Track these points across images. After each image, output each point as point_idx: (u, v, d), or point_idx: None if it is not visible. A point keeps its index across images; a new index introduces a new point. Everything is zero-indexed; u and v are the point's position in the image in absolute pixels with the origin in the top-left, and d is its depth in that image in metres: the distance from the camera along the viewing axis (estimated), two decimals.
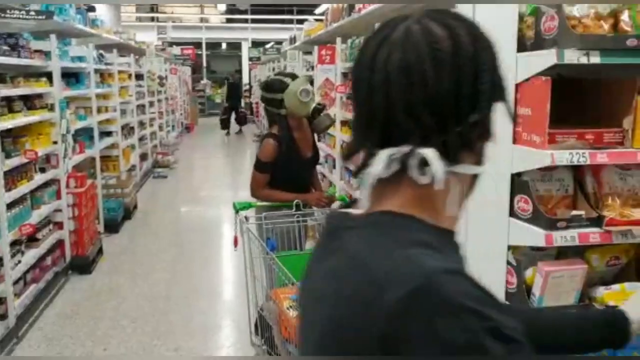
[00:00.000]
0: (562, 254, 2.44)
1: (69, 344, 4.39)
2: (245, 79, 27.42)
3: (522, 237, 2.28)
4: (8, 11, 4.54)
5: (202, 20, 27.66)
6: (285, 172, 3.81)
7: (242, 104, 21.82)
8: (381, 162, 0.97)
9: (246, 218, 3.51)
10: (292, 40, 12.67)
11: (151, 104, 12.35)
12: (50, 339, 4.48)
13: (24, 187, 4.77)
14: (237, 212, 3.52)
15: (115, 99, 8.32)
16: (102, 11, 10.98)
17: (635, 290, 2.26)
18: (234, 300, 5.34)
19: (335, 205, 3.93)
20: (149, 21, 25.75)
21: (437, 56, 0.95)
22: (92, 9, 8.16)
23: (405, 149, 0.96)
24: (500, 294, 2.40)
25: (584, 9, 2.08)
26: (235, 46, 30.54)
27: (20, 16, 4.62)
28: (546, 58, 2.06)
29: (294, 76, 3.85)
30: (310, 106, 3.75)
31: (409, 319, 0.86)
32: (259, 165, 3.83)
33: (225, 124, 19.84)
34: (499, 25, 2.34)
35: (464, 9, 2.60)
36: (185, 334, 4.56)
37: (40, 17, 4.74)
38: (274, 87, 3.80)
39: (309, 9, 21.30)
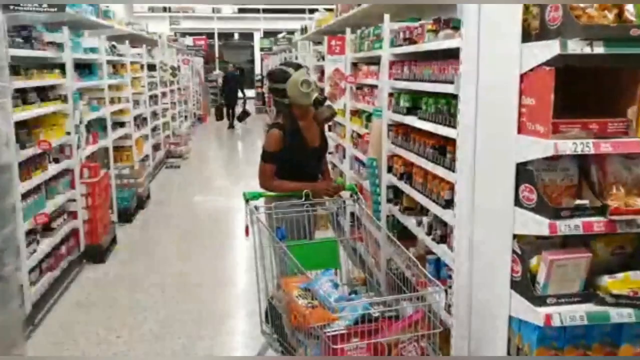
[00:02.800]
0: (568, 242, 2.47)
1: (83, 331, 4.46)
2: (257, 69, 27.49)
3: (527, 226, 2.30)
4: (21, 4, 4.60)
5: (214, 10, 27.65)
6: (292, 161, 3.87)
7: (242, 101, 18.99)
8: None
9: (256, 208, 3.54)
10: (304, 30, 12.66)
11: (164, 94, 12.40)
12: (65, 326, 4.56)
13: (38, 178, 4.84)
14: (247, 201, 3.55)
15: (127, 89, 8.37)
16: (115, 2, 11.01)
17: None
18: (246, 289, 5.39)
19: (344, 194, 3.96)
20: (161, 12, 25.78)
21: None
22: None
23: None
24: (505, 282, 2.43)
25: None
26: (247, 36, 30.53)
27: (33, 9, 4.68)
28: (550, 48, 2.08)
29: (298, 66, 3.89)
30: (312, 97, 3.80)
31: None
32: (265, 156, 3.90)
33: (220, 114, 19.32)
34: (504, 15, 2.36)
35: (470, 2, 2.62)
36: (197, 322, 4.62)
37: (52, 9, 4.79)
38: (276, 77, 3.88)
39: None
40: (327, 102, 3.90)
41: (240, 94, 18.79)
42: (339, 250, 3.64)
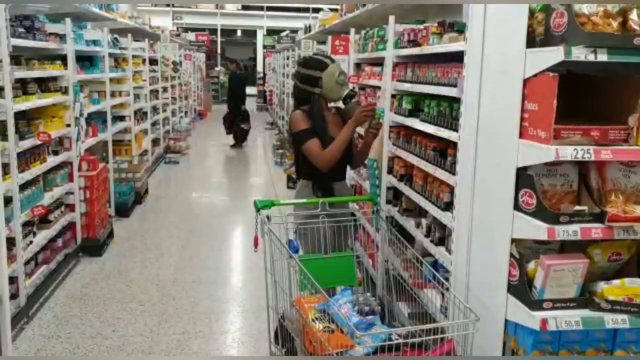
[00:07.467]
0: (566, 248, 2.47)
1: (78, 325, 4.46)
2: (259, 67, 27.49)
3: (526, 231, 2.31)
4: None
5: (217, 6, 27.64)
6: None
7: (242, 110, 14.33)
8: None
9: (268, 218, 3.12)
10: (307, 29, 12.66)
11: (164, 89, 12.40)
12: (60, 319, 4.56)
13: (36, 169, 4.83)
14: (258, 211, 3.15)
15: (128, 83, 8.37)
16: None
17: (636, 286, 2.29)
18: (241, 286, 5.40)
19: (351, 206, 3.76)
20: (164, 6, 25.76)
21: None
22: None
23: None
24: (502, 286, 2.43)
25: (594, 6, 2.09)
26: (250, 34, 30.52)
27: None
28: (554, 54, 2.08)
29: (331, 59, 3.80)
30: (345, 91, 3.72)
31: None
32: (302, 136, 3.63)
33: (238, 129, 14.14)
34: (509, 20, 2.36)
35: (475, 6, 2.62)
36: (192, 318, 4.62)
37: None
38: (313, 64, 3.73)
39: None
40: (356, 98, 3.77)
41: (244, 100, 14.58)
42: (356, 266, 3.34)
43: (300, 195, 3.75)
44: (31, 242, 4.74)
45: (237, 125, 14.06)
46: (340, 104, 3.89)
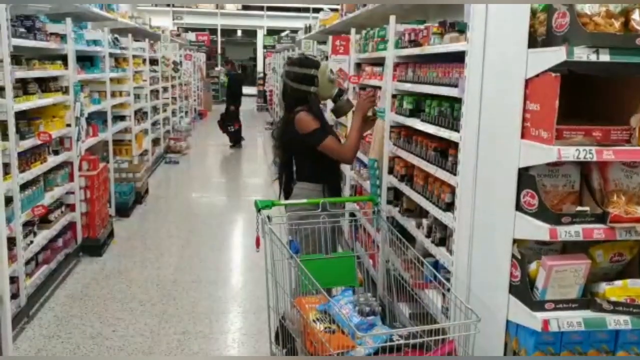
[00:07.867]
0: (568, 249, 2.47)
1: (78, 325, 4.46)
2: (259, 67, 27.48)
3: (528, 231, 2.30)
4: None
5: (218, 6, 27.63)
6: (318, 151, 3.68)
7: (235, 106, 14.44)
8: None
9: (269, 218, 3.09)
10: (308, 29, 12.66)
11: (165, 89, 12.39)
12: (60, 319, 4.55)
13: (37, 169, 4.83)
14: (258, 211, 3.12)
15: (129, 83, 8.36)
16: None
17: (638, 287, 2.28)
18: (241, 286, 5.39)
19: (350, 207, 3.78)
20: (164, 6, 25.75)
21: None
22: None
23: None
24: (504, 286, 2.43)
25: (596, 6, 2.08)
26: (250, 34, 30.52)
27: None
28: (556, 55, 2.08)
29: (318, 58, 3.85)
30: (335, 89, 3.76)
31: None
32: (319, 134, 3.62)
33: (228, 132, 14.23)
34: (511, 21, 2.36)
35: (477, 6, 2.62)
36: (192, 318, 4.62)
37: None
38: (307, 63, 3.74)
39: None
40: (345, 96, 3.83)
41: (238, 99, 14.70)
42: (356, 267, 3.31)
43: (304, 197, 3.71)
44: (32, 242, 4.74)
45: (226, 126, 14.17)
46: (329, 104, 3.92)
